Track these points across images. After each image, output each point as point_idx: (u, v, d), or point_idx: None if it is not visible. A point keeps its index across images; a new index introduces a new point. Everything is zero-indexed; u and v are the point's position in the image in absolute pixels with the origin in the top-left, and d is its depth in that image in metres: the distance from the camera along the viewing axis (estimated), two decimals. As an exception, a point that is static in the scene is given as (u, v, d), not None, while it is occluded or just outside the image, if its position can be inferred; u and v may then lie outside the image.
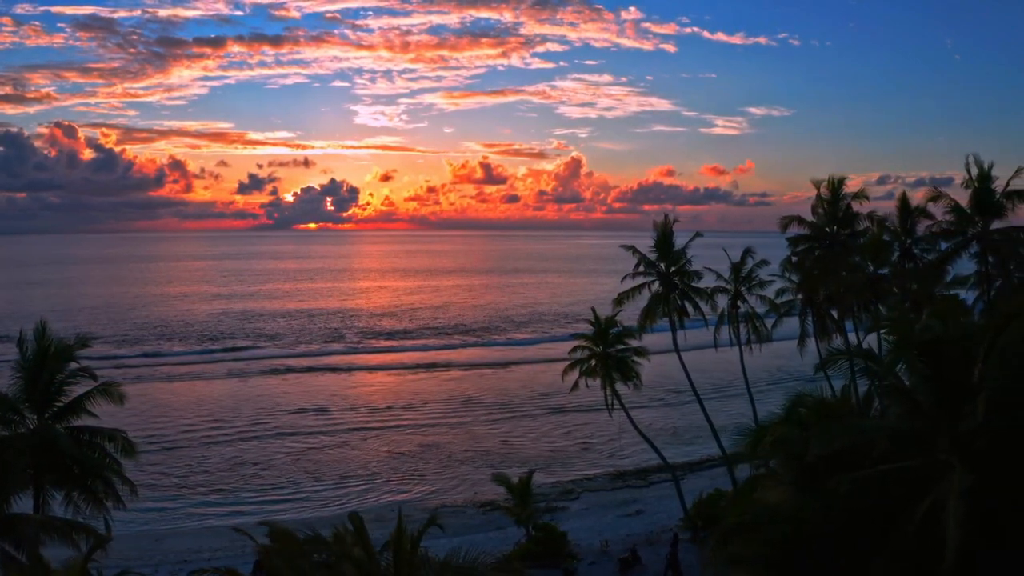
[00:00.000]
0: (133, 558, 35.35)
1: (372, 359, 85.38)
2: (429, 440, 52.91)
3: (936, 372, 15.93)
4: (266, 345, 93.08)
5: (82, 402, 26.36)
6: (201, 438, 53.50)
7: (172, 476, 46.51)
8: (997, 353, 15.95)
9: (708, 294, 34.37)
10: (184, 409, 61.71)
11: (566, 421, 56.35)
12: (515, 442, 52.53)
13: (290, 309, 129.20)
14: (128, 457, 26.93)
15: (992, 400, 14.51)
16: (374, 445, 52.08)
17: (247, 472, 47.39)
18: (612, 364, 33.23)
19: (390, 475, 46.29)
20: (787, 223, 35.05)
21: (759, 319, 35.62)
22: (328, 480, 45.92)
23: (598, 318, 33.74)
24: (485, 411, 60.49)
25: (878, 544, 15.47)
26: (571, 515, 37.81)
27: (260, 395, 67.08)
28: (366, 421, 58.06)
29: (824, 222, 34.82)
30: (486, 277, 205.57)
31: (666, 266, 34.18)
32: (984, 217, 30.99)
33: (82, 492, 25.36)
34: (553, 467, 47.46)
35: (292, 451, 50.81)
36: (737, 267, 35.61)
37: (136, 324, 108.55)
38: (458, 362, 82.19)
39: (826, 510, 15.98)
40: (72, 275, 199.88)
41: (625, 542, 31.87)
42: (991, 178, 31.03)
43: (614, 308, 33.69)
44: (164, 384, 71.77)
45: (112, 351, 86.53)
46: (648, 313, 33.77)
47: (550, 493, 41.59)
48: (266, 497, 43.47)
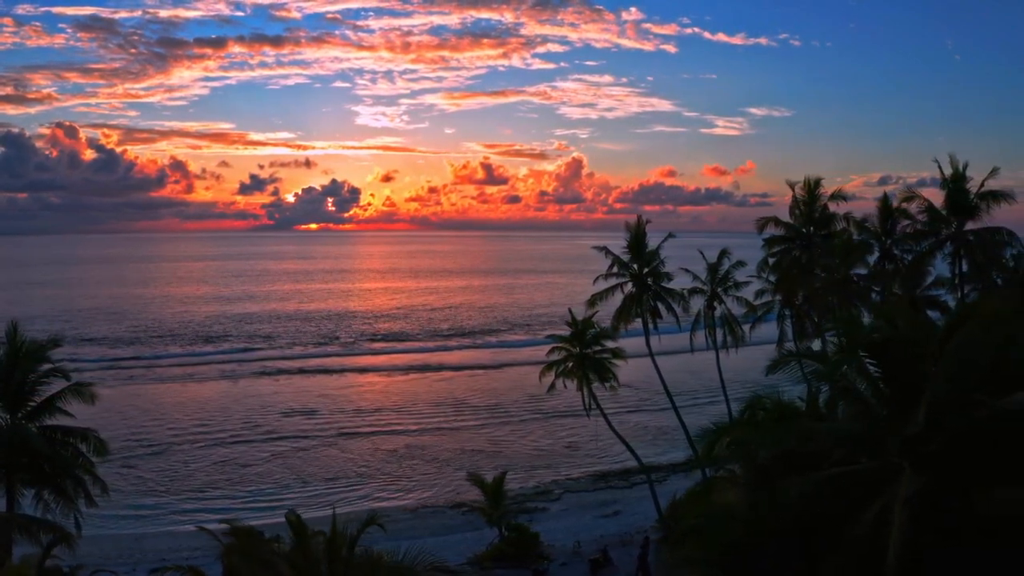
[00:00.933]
0: (113, 557, 35.54)
1: (364, 361, 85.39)
2: (416, 441, 52.95)
3: (886, 374, 15.92)
4: (260, 347, 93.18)
5: (55, 401, 26.54)
6: (190, 439, 53.58)
7: (160, 477, 46.67)
8: (948, 355, 15.93)
9: (681, 295, 34.28)
10: (175, 410, 61.85)
11: (553, 422, 56.33)
12: (501, 443, 52.55)
13: (287, 310, 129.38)
14: (100, 456, 27.16)
15: (936, 403, 14.46)
16: (361, 447, 52.11)
17: (234, 474, 47.47)
18: (589, 365, 33.18)
19: (376, 477, 46.32)
20: (763, 224, 34.90)
21: (736, 322, 35.51)
22: (315, 482, 45.96)
23: (575, 319, 33.71)
24: (473, 413, 60.50)
25: (830, 546, 15.45)
26: (550, 516, 37.84)
27: (250, 396, 67.19)
28: (354, 423, 58.09)
29: (801, 223, 34.71)
30: (486, 278, 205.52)
31: (639, 267, 34.15)
32: (958, 218, 30.89)
33: (53, 491, 25.53)
34: (538, 468, 47.47)
35: (280, 453, 50.86)
36: (714, 268, 35.52)
37: (133, 325, 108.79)
38: (450, 364, 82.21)
39: (778, 512, 15.98)
40: (72, 276, 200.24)
41: (599, 543, 31.85)
42: (966, 178, 30.93)
43: (587, 309, 33.62)
44: (157, 385, 71.89)
45: (106, 353, 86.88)
46: (621, 314, 33.71)
47: (532, 494, 41.62)
48: (252, 498, 43.53)
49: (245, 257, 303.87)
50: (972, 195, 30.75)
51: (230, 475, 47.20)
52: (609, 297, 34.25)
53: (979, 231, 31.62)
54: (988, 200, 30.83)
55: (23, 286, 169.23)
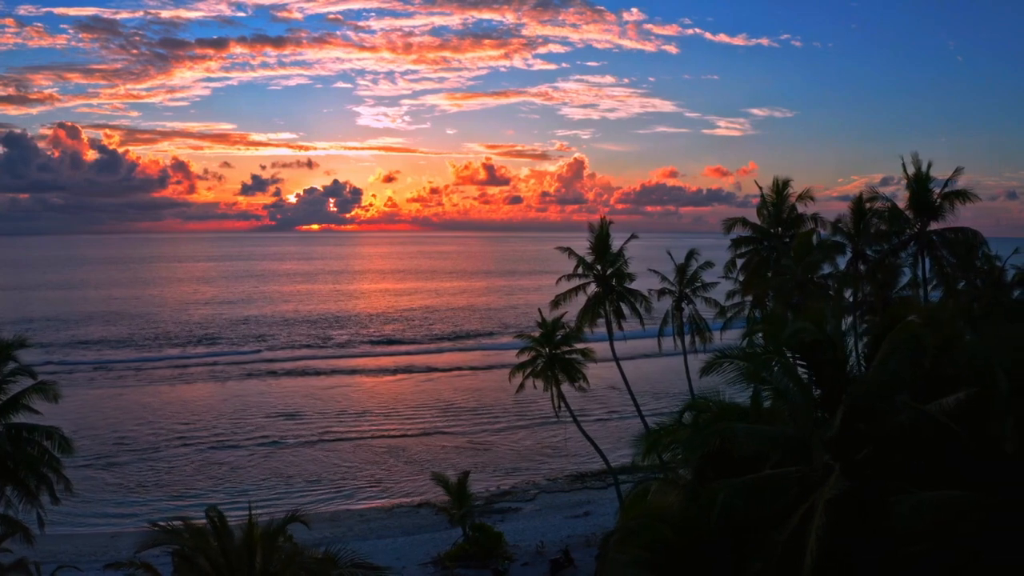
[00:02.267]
0: (86, 554, 35.88)
1: (355, 363, 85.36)
2: (399, 443, 53.07)
3: (815, 376, 16.00)
4: (252, 349, 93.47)
5: (20, 400, 26.72)
6: (175, 440, 53.81)
7: (142, 477, 46.87)
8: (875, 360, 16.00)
9: (644, 296, 34.30)
10: (162, 411, 62.12)
11: (537, 423, 56.37)
12: (485, 444, 52.66)
13: (285, 311, 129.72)
14: (65, 454, 27.43)
15: (854, 407, 14.53)
16: (345, 448, 52.21)
17: (217, 474, 47.69)
18: (558, 365, 33.24)
19: (357, 477, 46.43)
20: (731, 225, 34.86)
21: (704, 323, 35.47)
22: (296, 483, 46.06)
23: (544, 320, 33.76)
24: (457, 415, 60.60)
25: (756, 548, 15.53)
26: (522, 516, 37.92)
27: (237, 397, 67.46)
28: (339, 424, 58.20)
29: (769, 224, 34.67)
30: (486, 279, 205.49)
31: (602, 268, 34.19)
32: (922, 218, 30.86)
33: (15, 487, 25.72)
34: (519, 470, 47.58)
35: (263, 454, 51.04)
36: (682, 269, 35.52)
37: (128, 327, 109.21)
38: (439, 365, 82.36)
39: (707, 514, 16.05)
40: (73, 276, 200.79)
41: (564, 543, 31.88)
42: (930, 179, 30.89)
43: (551, 310, 33.64)
44: (149, 387, 72.07)
45: (101, 355, 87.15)
46: (584, 314, 33.77)
47: (508, 494, 41.69)
48: (232, 498, 43.60)
49: (246, 258, 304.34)
50: (936, 195, 30.74)
51: (213, 475, 47.42)
52: (573, 298, 34.32)
53: (944, 231, 31.62)
54: (952, 200, 30.84)
55: (22, 287, 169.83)
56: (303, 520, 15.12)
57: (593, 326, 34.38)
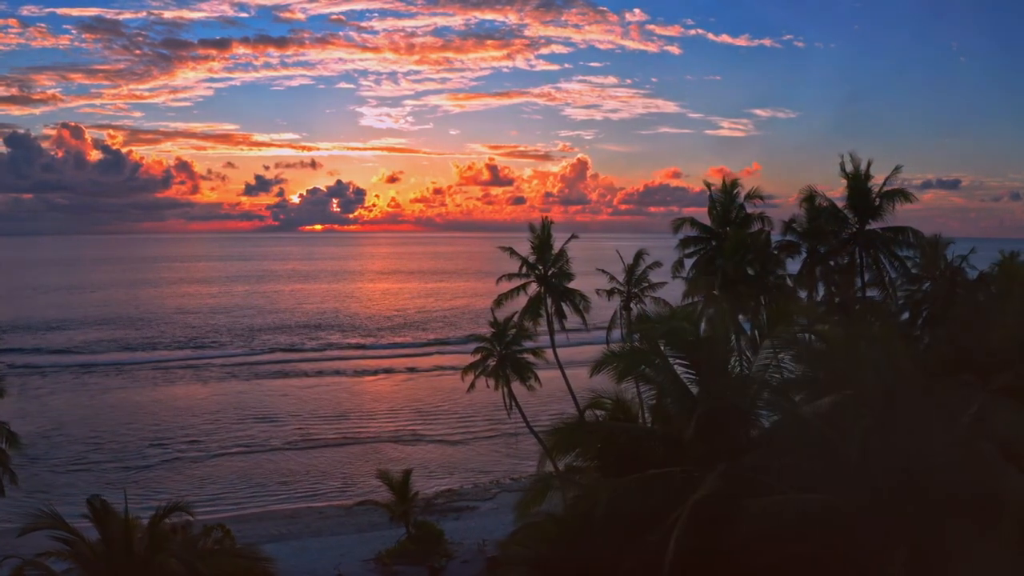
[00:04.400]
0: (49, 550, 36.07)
1: (338, 365, 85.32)
2: (378, 443, 53.40)
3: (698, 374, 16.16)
4: (244, 350, 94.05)
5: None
6: (152, 440, 54.25)
7: (119, 478, 47.20)
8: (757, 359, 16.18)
9: (582, 296, 34.47)
10: (149, 411, 62.66)
11: (512, 423, 56.50)
12: (459, 444, 52.93)
13: (282, 311, 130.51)
14: (13, 449, 28.20)
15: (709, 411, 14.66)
16: (322, 449, 52.40)
17: (188, 472, 48.12)
18: (508, 364, 33.48)
19: (328, 476, 46.71)
20: (679, 225, 34.87)
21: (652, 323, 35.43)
22: (270, 484, 46.31)
23: (496, 319, 34.01)
24: (436, 415, 60.87)
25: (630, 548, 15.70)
26: (477, 515, 38.13)
27: (219, 396, 67.99)
28: (320, 425, 58.44)
29: (717, 223, 34.70)
30: (485, 280, 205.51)
31: (544, 268, 34.38)
32: (860, 218, 30.89)
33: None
34: (487, 469, 47.81)
35: (239, 455, 51.32)
36: (630, 269, 35.66)
37: (127, 327, 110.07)
38: (422, 367, 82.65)
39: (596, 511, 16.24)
40: (73, 277, 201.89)
41: (507, 541, 32.04)
42: (869, 177, 30.91)
43: (493, 309, 33.84)
44: (140, 388, 72.54)
45: (93, 358, 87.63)
46: (524, 313, 33.96)
47: (468, 493, 41.90)
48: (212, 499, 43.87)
49: (247, 259, 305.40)
50: (874, 194, 30.78)
51: (185, 473, 47.84)
52: (515, 297, 34.52)
53: (883, 231, 31.66)
54: (891, 199, 30.86)
55: (23, 288, 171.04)
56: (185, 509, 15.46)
57: (536, 325, 34.56)
